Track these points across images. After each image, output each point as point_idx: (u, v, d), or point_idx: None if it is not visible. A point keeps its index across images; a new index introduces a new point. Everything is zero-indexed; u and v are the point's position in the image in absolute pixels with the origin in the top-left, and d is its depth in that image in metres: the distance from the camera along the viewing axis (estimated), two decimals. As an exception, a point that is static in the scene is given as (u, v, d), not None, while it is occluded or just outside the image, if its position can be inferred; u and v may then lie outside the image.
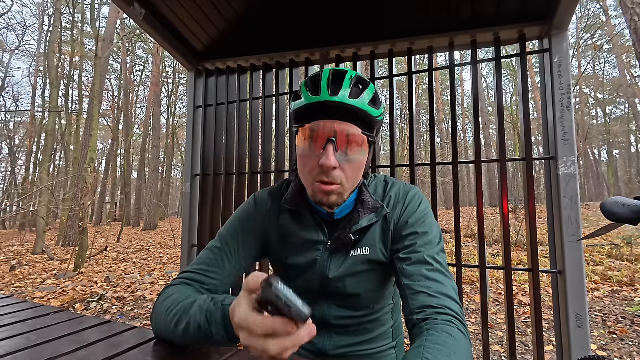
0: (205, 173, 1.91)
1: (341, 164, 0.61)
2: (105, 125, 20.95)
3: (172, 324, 0.55)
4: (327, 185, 0.61)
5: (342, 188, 0.63)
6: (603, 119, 25.96)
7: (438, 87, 19.76)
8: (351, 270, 0.68)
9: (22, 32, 18.51)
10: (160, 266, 5.71)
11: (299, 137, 0.64)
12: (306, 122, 0.62)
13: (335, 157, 0.60)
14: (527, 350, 2.36)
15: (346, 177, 0.63)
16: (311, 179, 0.63)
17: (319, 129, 0.61)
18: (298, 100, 0.65)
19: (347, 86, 0.60)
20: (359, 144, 0.62)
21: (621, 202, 0.56)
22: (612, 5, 17.27)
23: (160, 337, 0.61)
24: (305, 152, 0.63)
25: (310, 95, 0.61)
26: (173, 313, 0.56)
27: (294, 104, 0.66)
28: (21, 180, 16.75)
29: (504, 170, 1.45)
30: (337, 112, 0.60)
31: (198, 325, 0.51)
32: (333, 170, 0.60)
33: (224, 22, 1.72)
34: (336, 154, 0.60)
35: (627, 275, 3.95)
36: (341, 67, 0.64)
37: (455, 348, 0.48)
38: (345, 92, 0.60)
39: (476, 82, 1.55)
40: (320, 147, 0.61)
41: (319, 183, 0.62)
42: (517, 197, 10.42)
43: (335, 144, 0.60)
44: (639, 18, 3.36)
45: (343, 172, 0.62)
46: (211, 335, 0.50)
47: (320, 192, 0.63)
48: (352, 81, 0.62)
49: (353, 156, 0.62)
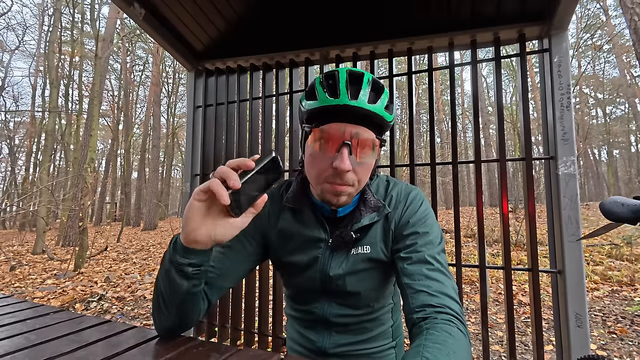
0: (205, 173, 1.91)
1: (354, 167, 0.61)
2: (105, 125, 20.95)
3: (156, 291, 0.59)
4: (339, 186, 0.62)
5: (353, 189, 0.64)
6: (603, 118, 25.98)
7: (438, 87, 19.75)
8: (352, 268, 0.69)
9: (22, 32, 18.52)
10: (160, 266, 5.71)
11: (311, 137, 0.63)
12: (320, 123, 0.61)
13: (349, 161, 0.59)
14: (526, 350, 2.36)
15: (357, 179, 0.63)
16: (322, 179, 0.63)
17: (335, 132, 0.60)
18: (312, 101, 0.63)
19: (366, 90, 0.60)
20: (371, 148, 0.62)
21: (620, 202, 0.57)
22: (612, 5, 17.28)
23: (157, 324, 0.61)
24: (317, 152, 0.62)
25: (328, 97, 0.60)
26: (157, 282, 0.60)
27: (307, 103, 0.64)
28: (21, 180, 16.75)
29: (503, 170, 1.45)
30: (354, 116, 0.60)
31: (169, 259, 0.56)
32: (346, 174, 0.61)
33: (224, 22, 1.72)
34: (350, 157, 0.60)
35: (627, 275, 3.95)
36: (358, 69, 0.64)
37: (455, 347, 0.48)
38: (364, 96, 0.59)
39: (476, 82, 1.55)
40: (334, 149, 0.60)
41: (329, 184, 0.63)
42: (517, 197, 10.42)
43: (350, 147, 0.60)
44: (638, 18, 3.36)
45: (355, 175, 0.62)
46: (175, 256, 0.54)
47: (330, 193, 0.63)
48: (370, 85, 0.61)
49: (365, 159, 0.62)
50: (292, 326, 0.80)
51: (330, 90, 0.61)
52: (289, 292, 0.79)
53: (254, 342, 1.79)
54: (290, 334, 0.81)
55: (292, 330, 0.80)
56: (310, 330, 0.75)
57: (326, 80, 0.63)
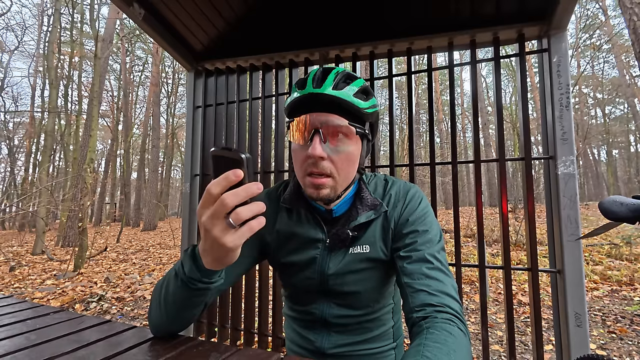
0: (205, 173, 1.91)
1: (330, 155, 0.63)
2: (104, 126, 20.91)
3: (157, 293, 0.59)
4: (316, 177, 0.63)
5: (334, 181, 0.64)
6: (602, 118, 25.99)
7: (437, 87, 19.75)
8: (350, 267, 0.68)
9: (21, 32, 18.46)
10: (159, 266, 5.71)
11: (290, 132, 0.66)
12: (295, 116, 0.65)
13: (322, 147, 0.61)
14: (526, 350, 2.37)
15: (336, 168, 0.64)
16: (302, 172, 0.65)
17: (305, 121, 0.63)
18: (288, 98, 0.68)
19: (331, 80, 0.63)
20: (346, 135, 0.64)
21: (619, 201, 0.57)
22: (611, 5, 17.27)
23: (154, 327, 0.61)
24: (296, 146, 0.66)
25: (298, 90, 0.65)
26: (159, 284, 0.60)
27: (285, 102, 0.70)
28: (20, 181, 16.71)
29: (503, 170, 1.45)
30: (322, 104, 0.63)
31: (174, 273, 0.56)
32: (321, 161, 0.62)
33: (223, 22, 1.72)
34: (324, 145, 0.62)
35: (626, 275, 3.95)
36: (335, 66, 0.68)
37: (455, 346, 0.48)
38: (329, 84, 0.62)
39: (475, 82, 1.55)
40: (307, 138, 0.63)
41: (309, 177, 0.64)
42: (517, 196, 10.41)
43: (321, 134, 0.62)
44: (637, 18, 3.37)
45: (332, 164, 0.63)
46: (184, 274, 0.54)
47: (310, 186, 0.64)
48: (338, 76, 0.64)
49: (341, 147, 0.64)
50: (291, 326, 0.80)
51: (300, 85, 0.66)
52: (288, 292, 0.79)
53: (253, 342, 1.78)
54: (289, 335, 0.81)
55: (290, 331, 0.80)
56: (309, 330, 0.75)
57: (300, 79, 0.67)
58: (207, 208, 0.44)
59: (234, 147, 0.44)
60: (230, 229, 0.44)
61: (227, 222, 0.43)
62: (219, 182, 0.42)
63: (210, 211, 0.43)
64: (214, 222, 0.44)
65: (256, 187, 0.43)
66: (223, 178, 0.42)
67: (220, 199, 0.42)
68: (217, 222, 0.44)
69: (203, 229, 0.45)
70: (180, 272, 0.55)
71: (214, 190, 0.42)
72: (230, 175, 0.42)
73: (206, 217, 0.44)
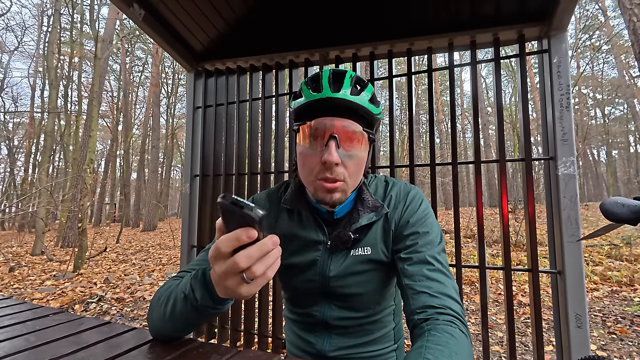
0: (205, 174, 1.91)
1: (343, 161, 0.62)
2: (104, 126, 20.92)
3: (162, 307, 0.57)
4: (330, 182, 0.62)
5: (345, 185, 0.64)
6: (602, 119, 26.00)
7: (437, 87, 19.77)
8: (351, 269, 0.68)
9: (21, 32, 18.50)
10: (159, 267, 5.70)
11: (299, 135, 0.65)
12: (307, 119, 0.63)
13: (337, 154, 0.60)
14: (526, 351, 2.36)
15: (348, 173, 0.63)
16: (312, 177, 0.64)
17: (321, 126, 0.61)
18: (299, 99, 0.65)
19: (347, 84, 0.62)
20: (360, 141, 0.63)
21: (620, 202, 0.56)
22: (611, 6, 17.28)
23: (156, 334, 0.61)
24: (307, 149, 0.64)
25: (312, 93, 0.62)
26: (164, 296, 0.58)
27: (294, 102, 0.67)
28: (20, 181, 16.70)
29: (503, 170, 1.45)
30: (339, 109, 0.61)
31: (183, 296, 0.54)
32: (336, 167, 0.61)
33: (223, 23, 1.72)
34: (338, 150, 0.61)
35: (627, 275, 3.95)
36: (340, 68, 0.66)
37: (457, 348, 0.48)
38: (346, 89, 0.61)
39: (475, 82, 1.55)
40: (322, 144, 0.61)
41: (320, 181, 0.63)
42: (517, 197, 10.42)
43: (337, 140, 0.61)
44: (637, 19, 3.37)
45: (345, 169, 0.63)
46: (195, 300, 0.52)
47: (322, 190, 0.63)
48: (352, 80, 0.63)
49: (354, 153, 0.63)
50: (291, 329, 0.80)
51: (314, 87, 0.63)
52: (288, 294, 0.79)
53: (253, 344, 1.78)
54: (289, 337, 0.81)
55: (291, 333, 0.80)
56: (309, 333, 0.74)
57: (311, 79, 0.66)
58: (219, 261, 0.42)
59: (246, 202, 0.38)
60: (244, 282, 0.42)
61: (241, 277, 0.41)
62: (230, 240, 0.39)
63: (223, 269, 0.41)
64: (228, 276, 0.41)
65: (271, 242, 0.40)
66: (234, 238, 0.39)
67: (233, 260, 0.39)
68: (231, 277, 0.41)
69: (216, 276, 0.43)
70: (191, 298, 0.52)
71: (224, 249, 0.40)
72: (242, 236, 0.38)
73: (220, 271, 0.42)
